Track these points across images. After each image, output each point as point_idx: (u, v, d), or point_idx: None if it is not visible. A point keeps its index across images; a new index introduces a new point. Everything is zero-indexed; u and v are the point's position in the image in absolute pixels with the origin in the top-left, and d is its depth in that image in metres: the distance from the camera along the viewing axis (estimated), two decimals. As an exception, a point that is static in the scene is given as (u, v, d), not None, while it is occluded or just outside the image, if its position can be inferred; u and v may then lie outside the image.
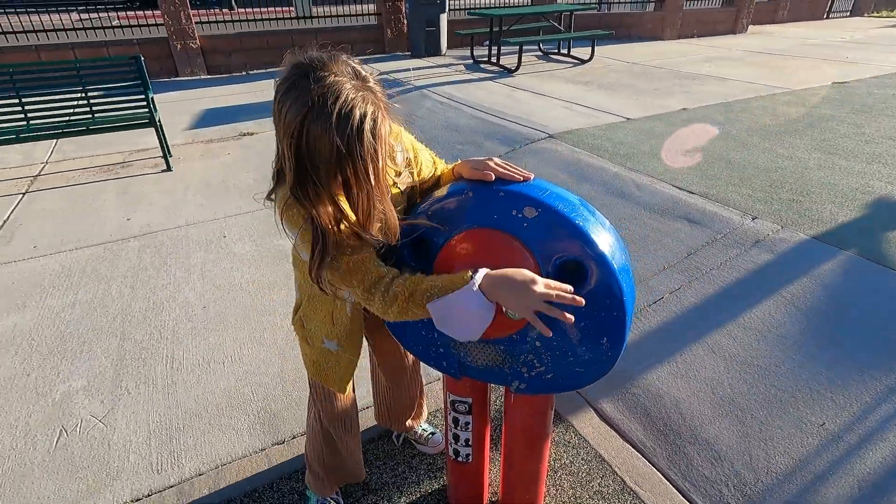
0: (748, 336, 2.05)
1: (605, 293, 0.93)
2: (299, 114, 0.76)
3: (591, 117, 4.62)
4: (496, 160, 1.01)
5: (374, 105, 0.81)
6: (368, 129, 0.79)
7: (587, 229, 0.92)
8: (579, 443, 1.74)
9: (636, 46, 8.71)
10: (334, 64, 0.80)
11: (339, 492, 1.55)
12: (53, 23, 7.17)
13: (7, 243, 3.11)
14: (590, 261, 0.92)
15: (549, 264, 0.94)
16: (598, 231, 0.94)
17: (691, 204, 2.93)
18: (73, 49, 6.88)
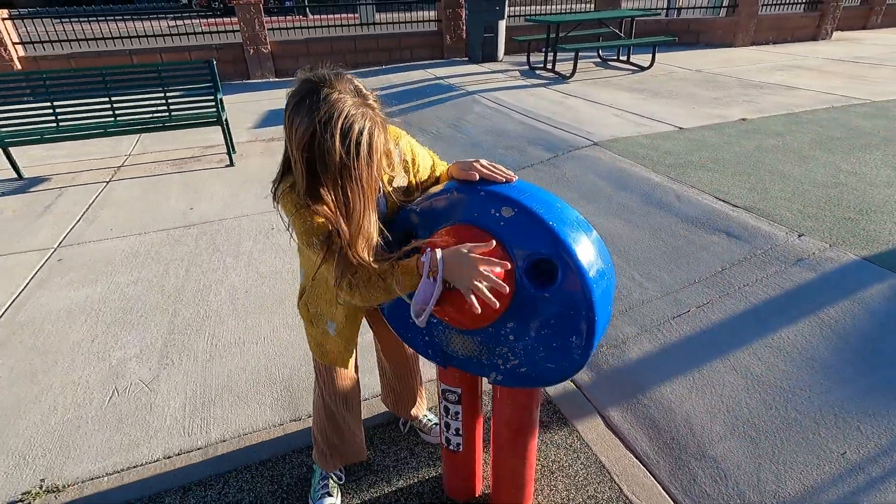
0: (775, 356, 1.96)
1: (575, 292, 0.96)
2: (309, 128, 0.88)
3: (641, 126, 4.52)
4: (483, 162, 1.08)
5: (372, 121, 0.93)
6: (365, 142, 0.91)
7: (559, 230, 0.96)
8: (581, 447, 1.75)
9: (704, 53, 8.35)
10: (338, 82, 0.91)
11: (343, 469, 1.66)
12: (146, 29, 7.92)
13: (89, 225, 3.50)
14: (560, 260, 0.96)
15: (522, 261, 0.99)
16: (571, 232, 0.98)
17: (733, 217, 2.82)
18: (160, 53, 7.57)
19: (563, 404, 1.93)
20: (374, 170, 0.95)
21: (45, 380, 2.13)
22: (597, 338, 1.01)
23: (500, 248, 0.99)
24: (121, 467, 1.72)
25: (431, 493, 1.60)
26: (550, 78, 6.78)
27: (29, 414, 1.96)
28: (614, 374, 2.05)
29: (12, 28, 7.15)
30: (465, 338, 1.11)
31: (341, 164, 0.90)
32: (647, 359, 2.08)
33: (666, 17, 9.82)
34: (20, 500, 1.62)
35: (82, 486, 1.66)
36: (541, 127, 4.68)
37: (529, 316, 1.01)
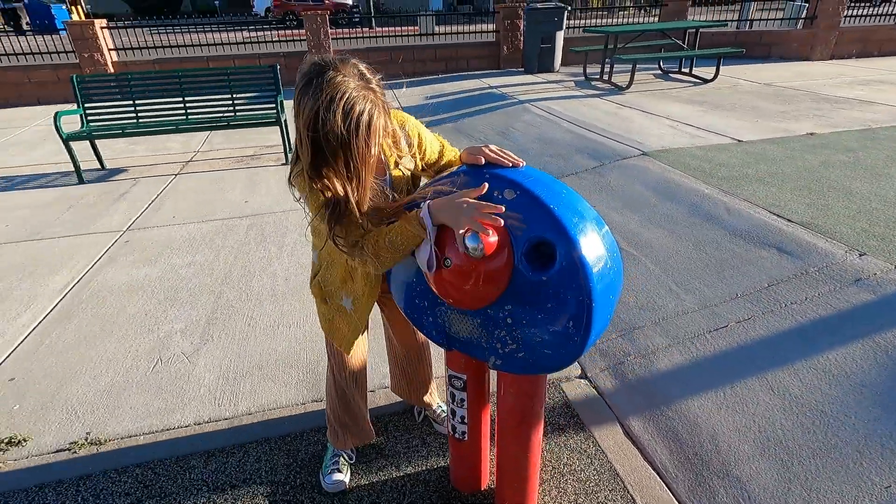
0: (818, 379, 1.82)
1: (572, 276, 0.96)
2: (314, 108, 0.93)
3: (696, 137, 4.34)
4: (492, 147, 1.09)
5: (372, 103, 0.98)
6: (365, 122, 0.96)
7: (560, 214, 0.96)
8: (595, 453, 1.70)
9: (775, 67, 7.91)
10: (344, 66, 0.97)
11: (354, 450, 1.70)
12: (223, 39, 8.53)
13: (155, 212, 3.81)
14: (559, 243, 0.96)
15: (522, 244, 0.99)
16: (574, 218, 0.98)
17: (787, 233, 2.65)
18: (234, 60, 8.12)
19: (581, 409, 1.89)
20: (374, 149, 1.00)
21: (102, 345, 2.33)
22: (595, 327, 0.99)
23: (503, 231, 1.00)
24: (156, 429, 1.86)
25: (437, 482, 1.61)
26: (606, 89, 6.66)
27: (85, 374, 2.15)
28: (639, 383, 1.98)
29: (108, 36, 7.92)
30: (466, 319, 1.12)
31: (343, 142, 0.94)
32: (677, 371, 1.99)
33: (736, 29, 9.40)
34: (68, 448, 1.78)
35: (121, 442, 1.80)
36: (589, 136, 4.61)
37: (527, 299, 1.01)
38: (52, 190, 4.33)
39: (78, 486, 1.63)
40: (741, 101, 5.64)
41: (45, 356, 2.26)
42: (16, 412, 1.95)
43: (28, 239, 3.42)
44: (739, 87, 6.42)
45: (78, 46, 7.57)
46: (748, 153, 3.88)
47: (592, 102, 5.93)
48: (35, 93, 7.75)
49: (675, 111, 5.31)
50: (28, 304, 2.67)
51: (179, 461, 1.72)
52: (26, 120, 6.82)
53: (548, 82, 7.38)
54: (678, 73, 7.54)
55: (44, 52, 7.76)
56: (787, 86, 6.39)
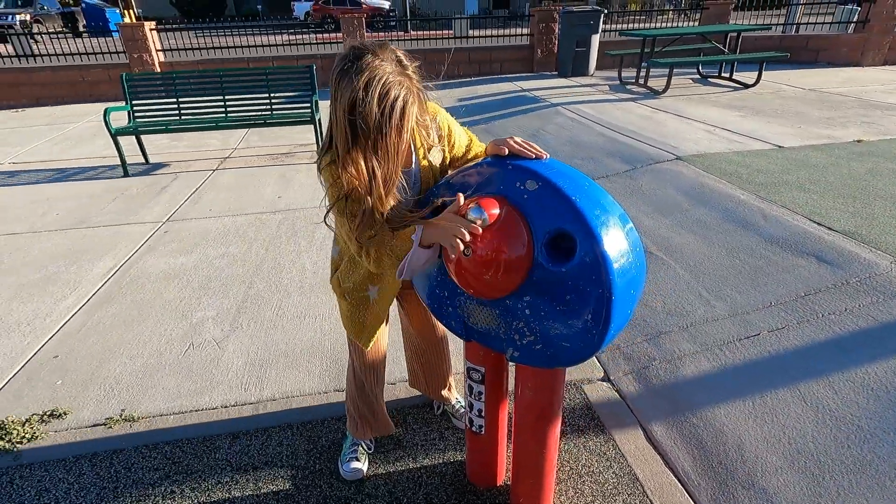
0: (856, 392, 1.74)
1: (592, 268, 0.95)
2: (352, 91, 0.94)
3: (734, 143, 4.21)
4: (517, 139, 1.10)
5: (407, 89, 0.99)
6: (399, 108, 0.97)
7: (582, 206, 0.96)
8: (616, 457, 1.67)
9: (822, 72, 7.60)
10: (381, 51, 0.98)
11: (373, 440, 1.73)
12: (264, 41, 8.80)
13: (193, 205, 3.95)
14: (580, 235, 0.95)
15: (542, 232, 0.99)
16: (595, 211, 0.97)
17: (827, 241, 2.54)
18: (272, 61, 8.36)
19: (602, 411, 1.86)
20: (405, 135, 1.00)
21: (139, 328, 2.43)
22: (614, 322, 0.98)
23: (522, 222, 1.00)
24: (185, 409, 1.93)
25: (453, 475, 1.61)
26: (641, 93, 6.54)
27: (122, 354, 2.25)
28: (664, 388, 1.94)
29: (157, 37, 8.29)
30: (485, 310, 1.13)
31: (376, 127, 0.95)
32: (703, 378, 1.94)
33: (781, 34, 9.08)
34: (104, 423, 1.87)
35: (152, 420, 1.88)
36: (622, 140, 4.53)
37: (546, 291, 1.01)
38: (99, 182, 4.55)
39: (111, 459, 1.71)
40: (784, 107, 5.44)
41: (87, 337, 2.38)
42: (58, 387, 2.06)
43: (76, 227, 3.61)
44: (783, 93, 6.19)
45: (128, 47, 7.94)
46: (789, 159, 3.74)
47: (626, 106, 5.83)
48: (88, 91, 8.17)
49: (712, 116, 5.17)
50: (74, 287, 2.82)
51: (206, 441, 1.78)
52: (79, 116, 7.20)
53: (581, 86, 7.30)
54: (718, 77, 7.33)
55: (97, 53, 8.18)
56: (835, 91, 6.13)
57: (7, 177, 4.75)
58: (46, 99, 8.11)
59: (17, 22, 17.77)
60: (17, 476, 1.66)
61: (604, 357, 2.16)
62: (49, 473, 1.67)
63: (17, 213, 3.88)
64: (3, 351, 2.30)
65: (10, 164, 5.15)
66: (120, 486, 1.62)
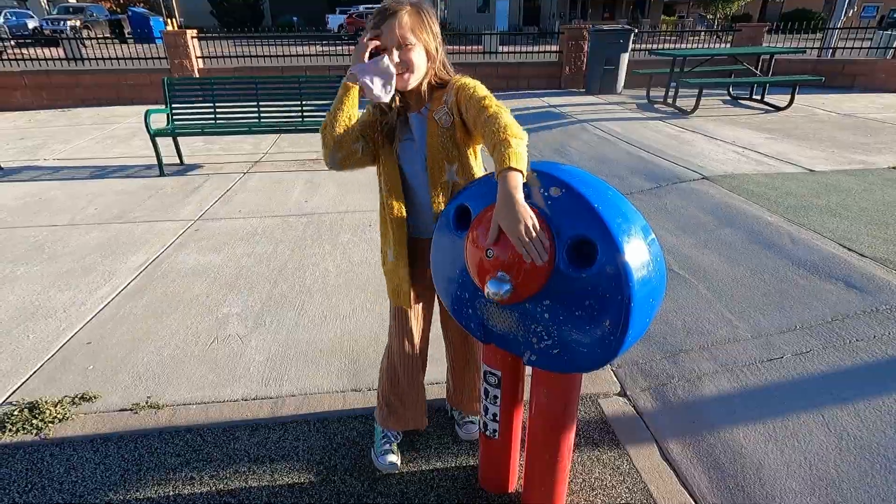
0: (882, 420, 1.69)
1: (612, 276, 0.97)
2: (436, 22, 1.29)
3: (763, 164, 4.16)
4: (524, 228, 0.99)
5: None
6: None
7: (604, 213, 0.98)
8: (629, 471, 1.66)
9: (857, 98, 7.44)
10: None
11: (400, 434, 1.72)
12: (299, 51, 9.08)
13: (224, 206, 4.08)
14: (601, 241, 0.97)
15: (564, 238, 1.02)
16: (618, 219, 0.99)
17: (857, 267, 2.48)
18: (306, 70, 8.60)
19: (618, 426, 1.85)
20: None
21: (167, 321, 2.52)
22: (632, 331, 1.00)
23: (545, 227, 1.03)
24: (207, 400, 1.99)
25: (465, 480, 1.62)
26: (669, 112, 6.51)
27: (150, 344, 2.33)
28: (682, 406, 1.91)
29: (197, 45, 8.63)
30: (504, 312, 1.15)
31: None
32: (723, 398, 1.91)
33: (816, 58, 8.94)
34: (131, 408, 1.94)
35: (175, 409, 1.94)
36: (648, 158, 4.52)
37: (566, 296, 1.03)
38: (136, 180, 4.74)
39: (136, 443, 1.78)
40: (816, 131, 5.35)
41: (118, 326, 2.48)
42: (89, 372, 2.15)
43: (113, 221, 3.77)
44: (815, 117, 6.09)
45: (170, 53, 8.28)
46: (819, 183, 3.68)
47: (654, 125, 5.82)
48: (130, 94, 8.53)
49: (741, 137, 5.11)
50: (108, 278, 2.94)
51: (226, 431, 1.83)
52: (121, 118, 7.52)
53: (609, 104, 7.31)
54: (748, 99, 7.25)
55: (141, 58, 8.56)
56: (871, 117, 5.99)
57: (52, 172, 4.99)
58: (92, 100, 8.50)
59: (67, 28, 18.70)
60: (48, 454, 1.73)
61: (621, 372, 2.14)
62: (77, 453, 1.74)
63: (59, 206, 4.07)
64: (40, 335, 2.41)
65: (55, 160, 5.41)
66: (143, 468, 1.68)
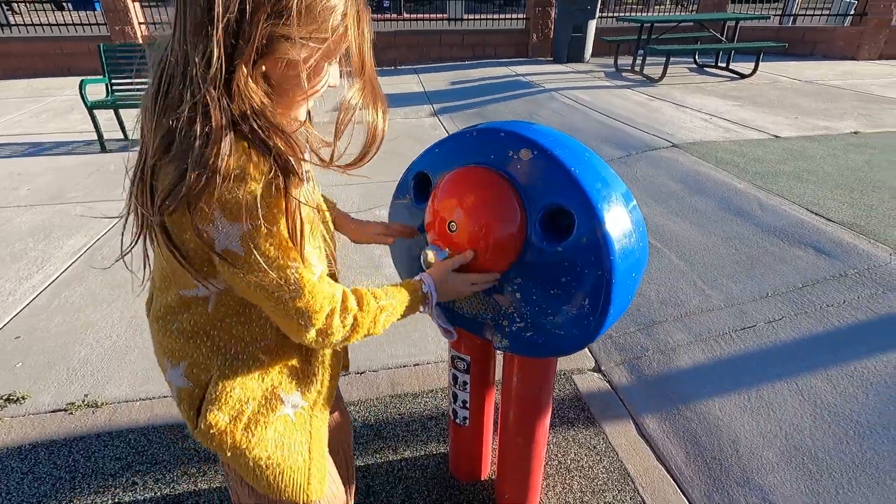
0: (854, 386, 1.68)
1: (591, 248, 0.85)
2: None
3: (730, 132, 4.14)
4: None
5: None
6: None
7: (581, 178, 0.86)
8: (606, 450, 1.60)
9: (818, 65, 7.54)
10: None
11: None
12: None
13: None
14: (579, 210, 0.85)
15: (536, 207, 0.89)
16: (597, 184, 0.87)
17: (825, 232, 2.48)
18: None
19: (593, 403, 1.78)
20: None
21: (108, 310, 2.31)
22: (613, 308, 0.89)
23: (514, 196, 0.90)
24: (153, 395, 1.82)
25: (436, 469, 1.53)
26: (637, 80, 6.44)
27: (88, 336, 2.13)
28: (657, 380, 1.86)
29: (139, 9, 7.99)
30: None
31: None
32: (698, 370, 1.87)
33: (778, 25, 9.00)
34: (65, 408, 1.76)
35: (116, 407, 1.77)
36: (617, 126, 4.44)
37: (540, 272, 0.91)
38: (75, 157, 4.36)
39: (70, 447, 1.60)
40: (780, 98, 5.37)
41: (52, 317, 2.25)
42: (18, 370, 1.94)
43: (48, 203, 3.44)
44: (779, 84, 6.13)
45: (110, 19, 7.63)
46: (786, 150, 3.68)
47: (622, 93, 5.73)
48: (67, 63, 7.86)
49: (708, 105, 5.09)
50: (41, 265, 2.67)
51: (173, 429, 1.67)
52: (58, 89, 6.93)
53: (577, 72, 7.18)
54: (714, 67, 7.24)
55: (77, 24, 7.86)
56: (831, 84, 6.07)
57: (-23, 150, 4.54)
58: (24, 71, 7.80)
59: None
60: (-33, 464, 1.55)
61: (595, 347, 2.08)
62: (1, 463, 1.55)
63: (-15, 188, 3.70)
64: (-40, 331, 2.16)
65: (-19, 136, 4.93)
66: (78, 476, 1.51)
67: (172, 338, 0.76)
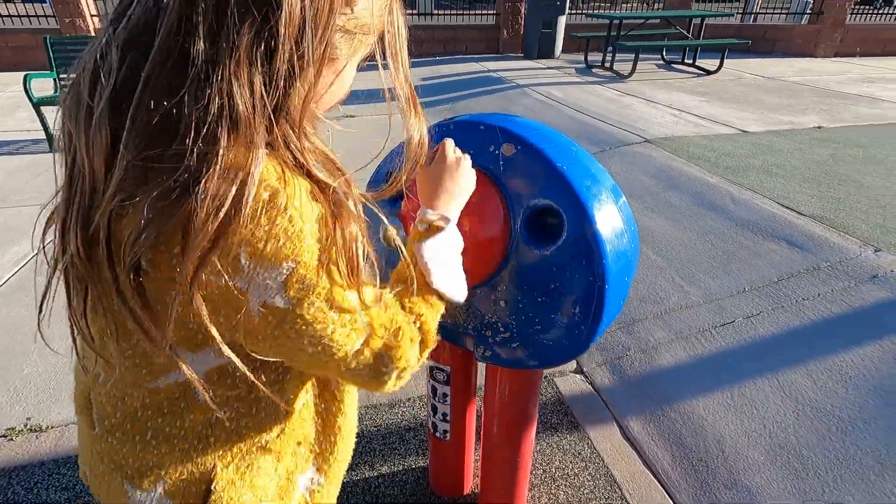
0: (834, 381, 1.67)
1: (582, 251, 0.78)
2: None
3: (700, 126, 4.18)
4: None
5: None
6: None
7: (569, 175, 0.79)
8: (591, 456, 1.55)
9: (778, 62, 7.76)
10: None
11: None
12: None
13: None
14: (568, 210, 0.78)
15: (521, 208, 0.82)
16: (586, 181, 0.80)
17: (797, 226, 2.50)
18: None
19: (576, 406, 1.73)
20: None
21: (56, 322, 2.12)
22: (606, 314, 0.83)
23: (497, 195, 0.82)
24: (105, 415, 1.67)
25: (416, 485, 1.44)
26: (607, 77, 6.47)
27: (34, 353, 1.95)
28: (640, 380, 1.83)
29: (92, 1, 7.58)
30: (451, 301, 0.95)
31: None
32: (680, 368, 1.84)
33: (739, 23, 9.23)
34: (4, 434, 1.59)
35: (63, 430, 1.62)
36: (589, 122, 4.43)
37: (525, 278, 0.84)
38: (22, 157, 4.08)
39: (10, 478, 1.45)
40: (745, 94, 5.48)
41: (-8, 332, 2.06)
42: (-49, 393, 1.76)
43: (-12, 207, 3.19)
44: (743, 80, 6.26)
45: (59, 11, 7.21)
46: (754, 144, 3.73)
47: (593, 89, 5.74)
48: (14, 58, 7.39)
49: (677, 100, 5.14)
50: (-21, 275, 2.46)
51: (128, 453, 1.53)
52: (2, 85, 6.50)
53: (548, 68, 7.18)
54: (681, 63, 7.36)
55: (23, 16, 7.40)
56: (792, 80, 6.24)
57: None
58: (-36, 66, 7.30)
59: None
60: None
61: (576, 347, 2.03)
62: (-71, 499, 1.39)
63: (-83, 191, 3.41)
64: None
65: (-85, 136, 4.56)
66: (18, 511, 1.36)
67: (143, 451, 0.53)
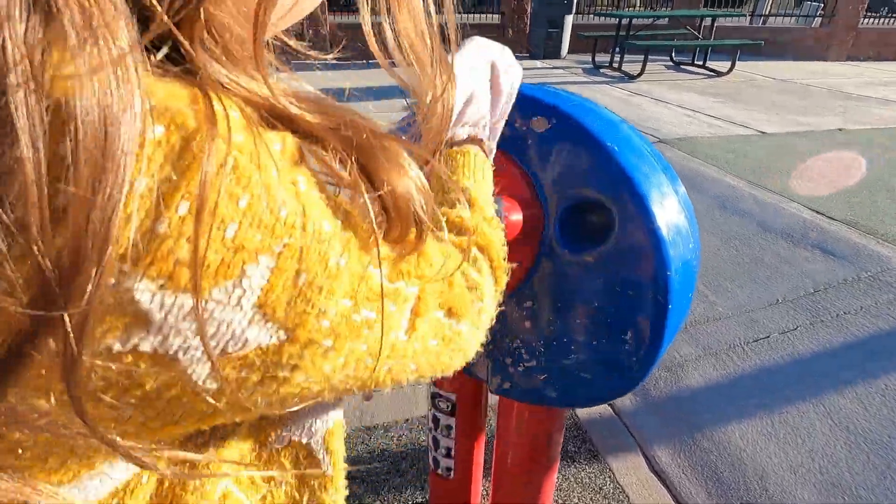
0: (887, 407, 1.48)
1: (638, 257, 0.59)
2: None
3: (715, 127, 3.99)
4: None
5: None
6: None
7: (623, 158, 0.59)
8: (614, 492, 1.35)
9: (790, 65, 7.58)
10: None
11: None
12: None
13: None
14: (619, 203, 0.59)
15: (557, 201, 0.62)
16: (642, 167, 0.61)
17: (830, 232, 2.31)
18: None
19: (595, 433, 1.53)
20: None
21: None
22: (666, 340, 0.63)
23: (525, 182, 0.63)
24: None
25: (412, 526, 1.25)
26: (615, 77, 6.30)
27: None
28: (667, 403, 1.63)
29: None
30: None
31: None
32: (712, 389, 1.65)
33: (749, 25, 9.06)
34: None
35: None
36: (600, 121, 4.25)
37: (559, 291, 0.64)
38: None
39: None
40: (758, 95, 5.30)
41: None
42: None
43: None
44: (756, 82, 6.08)
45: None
46: (775, 145, 3.54)
47: (602, 89, 5.57)
48: None
49: (690, 101, 4.96)
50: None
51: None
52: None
53: (554, 68, 7.00)
54: (691, 64, 7.18)
55: None
56: (805, 82, 6.06)
57: None
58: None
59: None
60: None
61: (592, 363, 1.84)
62: None
63: None
64: None
65: None
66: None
67: None
